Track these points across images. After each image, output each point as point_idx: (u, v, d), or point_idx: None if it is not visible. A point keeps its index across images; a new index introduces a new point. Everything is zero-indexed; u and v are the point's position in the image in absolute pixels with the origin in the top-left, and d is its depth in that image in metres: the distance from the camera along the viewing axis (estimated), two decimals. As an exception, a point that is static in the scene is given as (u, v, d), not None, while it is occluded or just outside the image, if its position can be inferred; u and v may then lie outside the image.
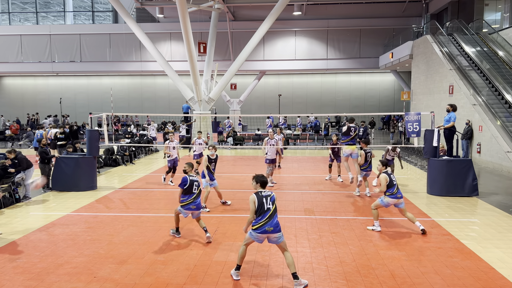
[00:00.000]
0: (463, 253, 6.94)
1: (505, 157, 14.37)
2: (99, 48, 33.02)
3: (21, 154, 10.56)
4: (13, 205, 10.27)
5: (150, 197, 11.17)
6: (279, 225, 5.88)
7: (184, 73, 27.81)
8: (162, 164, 17.25)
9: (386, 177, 8.02)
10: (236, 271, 6.04)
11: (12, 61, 33.59)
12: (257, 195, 5.89)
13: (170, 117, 36.39)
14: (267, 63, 32.40)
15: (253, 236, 5.90)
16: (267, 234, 5.83)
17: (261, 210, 5.82)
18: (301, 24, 31.51)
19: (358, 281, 5.89)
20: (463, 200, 10.66)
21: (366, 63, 31.70)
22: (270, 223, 5.79)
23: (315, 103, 38.21)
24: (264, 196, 5.90)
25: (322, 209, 9.80)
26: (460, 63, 19.28)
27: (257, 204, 5.82)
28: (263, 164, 14.15)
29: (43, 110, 38.05)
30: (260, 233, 5.82)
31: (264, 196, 5.89)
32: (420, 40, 23.07)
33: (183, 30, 19.38)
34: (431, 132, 11.20)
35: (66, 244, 7.39)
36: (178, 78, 23.61)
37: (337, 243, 7.43)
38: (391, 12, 30.10)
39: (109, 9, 38.52)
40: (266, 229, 5.79)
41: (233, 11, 30.40)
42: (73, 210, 9.79)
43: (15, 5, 38.93)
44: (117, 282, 5.87)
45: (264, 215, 5.80)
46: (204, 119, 23.47)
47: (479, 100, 16.87)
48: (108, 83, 39.09)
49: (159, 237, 7.75)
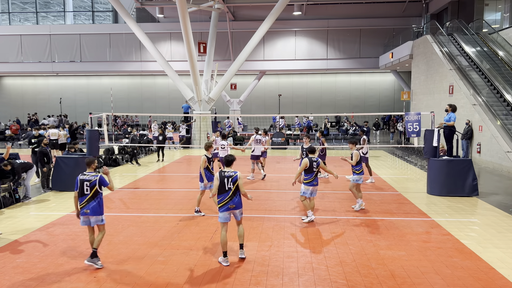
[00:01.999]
0: (463, 253, 6.94)
1: (505, 157, 14.37)
2: (99, 48, 33.02)
3: (17, 164, 10.46)
4: (13, 205, 10.27)
5: (150, 197, 11.17)
6: (241, 203, 6.60)
7: (184, 73, 27.81)
8: (162, 164, 17.26)
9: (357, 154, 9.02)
10: (224, 257, 6.50)
11: (12, 61, 33.58)
12: (220, 173, 6.52)
13: (170, 117, 36.38)
14: (267, 63, 32.40)
15: (221, 217, 6.55)
16: (231, 211, 6.55)
17: (223, 189, 6.48)
18: (301, 24, 31.52)
19: (358, 281, 5.89)
20: (463, 200, 10.66)
21: (366, 63, 31.70)
22: (232, 201, 6.48)
23: (315, 103, 38.21)
24: (226, 176, 6.48)
25: (322, 209, 9.80)
26: (460, 63, 19.28)
27: (219, 182, 6.46)
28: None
29: (43, 110, 38.05)
30: (224, 210, 6.49)
31: (226, 176, 6.48)
32: (420, 40, 23.07)
33: (183, 30, 19.39)
34: (431, 132, 11.20)
35: (66, 244, 7.39)
36: (178, 78, 23.61)
37: (337, 243, 7.43)
38: (391, 12, 30.10)
39: (109, 9, 38.52)
40: (229, 206, 6.49)
41: (233, 11, 30.40)
42: (73, 210, 9.79)
43: (15, 5, 38.92)
44: (117, 282, 5.87)
45: (226, 194, 6.47)
46: (204, 119, 23.48)
47: (479, 100, 16.87)
48: (108, 83, 39.09)
49: (159, 237, 7.75)
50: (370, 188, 12.28)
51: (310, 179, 8.56)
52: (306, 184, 8.59)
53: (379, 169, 15.76)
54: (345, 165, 16.70)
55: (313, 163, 8.52)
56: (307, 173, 8.56)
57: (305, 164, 8.50)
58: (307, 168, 8.52)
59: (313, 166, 8.51)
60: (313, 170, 8.52)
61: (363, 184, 11.18)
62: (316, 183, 8.63)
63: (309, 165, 8.49)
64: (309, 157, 8.60)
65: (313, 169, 8.51)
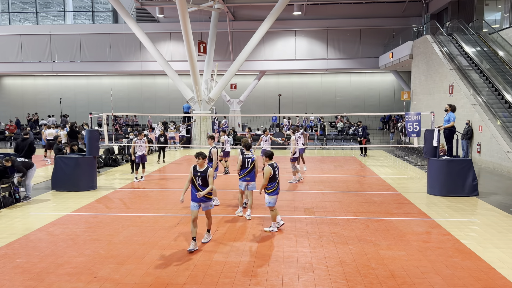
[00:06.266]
0: (463, 253, 6.94)
1: (505, 157, 14.37)
2: (99, 48, 33.02)
3: (18, 161, 10.48)
4: (13, 205, 10.27)
5: (150, 197, 11.17)
6: (254, 177, 9.10)
7: (184, 73, 27.81)
8: (162, 164, 17.26)
9: (270, 170, 7.94)
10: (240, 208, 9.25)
11: (12, 61, 33.59)
12: (241, 154, 9.13)
13: (170, 117, 36.37)
14: (267, 63, 32.40)
15: (240, 184, 9.12)
16: (246, 182, 9.08)
17: (244, 166, 9.06)
18: (301, 24, 31.52)
19: (358, 281, 5.89)
20: (463, 200, 10.66)
21: (366, 63, 31.71)
22: (248, 175, 9.07)
23: (315, 103, 38.21)
24: (246, 157, 9.08)
25: (322, 209, 9.80)
26: (460, 63, 19.28)
27: (241, 161, 9.05)
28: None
29: (43, 110, 38.05)
30: (242, 180, 9.10)
31: (246, 157, 9.08)
32: (420, 40, 23.07)
33: (183, 30, 19.39)
34: (431, 132, 11.20)
35: (66, 244, 7.39)
36: (178, 78, 23.61)
37: (337, 243, 7.43)
38: (391, 12, 30.10)
39: (109, 9, 38.51)
40: (246, 178, 9.07)
41: (233, 11, 30.40)
42: (73, 210, 9.79)
43: (15, 5, 38.92)
44: (117, 282, 5.87)
45: (245, 170, 9.07)
46: (204, 119, 23.48)
47: (479, 100, 16.87)
48: (108, 83, 39.09)
49: (159, 237, 7.76)
50: (370, 188, 12.28)
51: (274, 187, 8.04)
52: (270, 194, 8.00)
53: (379, 169, 15.76)
54: (345, 165, 16.70)
55: (275, 169, 8.02)
56: (270, 181, 8.00)
57: (269, 173, 7.91)
58: (270, 177, 7.95)
59: (275, 172, 8.03)
60: (276, 177, 8.02)
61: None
62: (279, 190, 8.16)
63: (272, 173, 7.96)
64: (271, 164, 8.04)
65: (276, 177, 8.02)
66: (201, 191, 7.07)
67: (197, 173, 7.16)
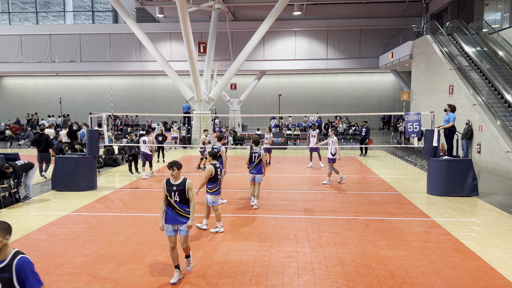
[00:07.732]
0: (463, 253, 6.94)
1: (505, 157, 14.37)
2: (99, 48, 33.03)
3: (18, 166, 10.48)
4: (13, 205, 10.27)
5: (150, 197, 11.17)
6: (261, 170, 9.76)
7: (184, 73, 27.82)
8: (162, 164, 17.25)
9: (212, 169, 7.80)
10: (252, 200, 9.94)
11: (12, 61, 33.60)
12: (250, 149, 9.79)
13: (170, 117, 36.37)
14: (267, 63, 32.40)
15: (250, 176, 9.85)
16: (253, 175, 9.78)
17: (251, 160, 9.76)
18: (301, 24, 31.52)
19: (358, 281, 5.90)
20: (463, 200, 10.66)
21: (366, 63, 31.71)
22: (255, 168, 9.76)
23: (315, 103, 38.21)
24: (253, 152, 9.75)
25: (322, 209, 9.80)
26: (460, 63, 19.28)
27: (249, 156, 9.72)
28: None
29: (43, 110, 38.07)
30: (251, 173, 9.81)
31: (253, 152, 9.75)
32: (420, 40, 23.07)
33: (183, 30, 19.39)
34: (431, 132, 11.20)
35: (66, 244, 7.39)
36: (178, 78, 23.61)
37: (337, 243, 7.43)
38: (391, 12, 30.10)
39: (109, 9, 38.52)
40: (253, 171, 9.77)
41: (233, 11, 30.40)
42: (73, 210, 9.79)
43: (15, 5, 38.93)
44: (117, 282, 5.87)
45: (252, 163, 9.76)
46: (204, 119, 23.48)
47: (479, 100, 16.87)
48: (108, 83, 39.09)
49: (159, 237, 7.75)
50: (370, 188, 12.28)
51: (215, 187, 7.95)
52: (212, 193, 7.93)
53: (379, 169, 15.77)
54: (345, 165, 16.69)
55: (217, 169, 7.95)
56: (212, 181, 7.89)
57: (210, 172, 7.80)
58: (212, 176, 7.86)
59: (217, 173, 7.93)
60: (218, 177, 7.93)
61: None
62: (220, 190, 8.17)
63: (214, 173, 7.86)
64: (213, 163, 7.98)
65: (217, 177, 7.93)
66: (179, 210, 5.74)
67: (171, 187, 5.80)
